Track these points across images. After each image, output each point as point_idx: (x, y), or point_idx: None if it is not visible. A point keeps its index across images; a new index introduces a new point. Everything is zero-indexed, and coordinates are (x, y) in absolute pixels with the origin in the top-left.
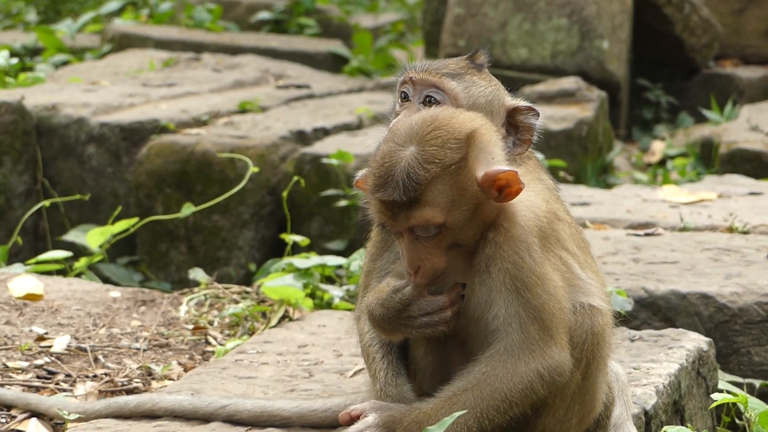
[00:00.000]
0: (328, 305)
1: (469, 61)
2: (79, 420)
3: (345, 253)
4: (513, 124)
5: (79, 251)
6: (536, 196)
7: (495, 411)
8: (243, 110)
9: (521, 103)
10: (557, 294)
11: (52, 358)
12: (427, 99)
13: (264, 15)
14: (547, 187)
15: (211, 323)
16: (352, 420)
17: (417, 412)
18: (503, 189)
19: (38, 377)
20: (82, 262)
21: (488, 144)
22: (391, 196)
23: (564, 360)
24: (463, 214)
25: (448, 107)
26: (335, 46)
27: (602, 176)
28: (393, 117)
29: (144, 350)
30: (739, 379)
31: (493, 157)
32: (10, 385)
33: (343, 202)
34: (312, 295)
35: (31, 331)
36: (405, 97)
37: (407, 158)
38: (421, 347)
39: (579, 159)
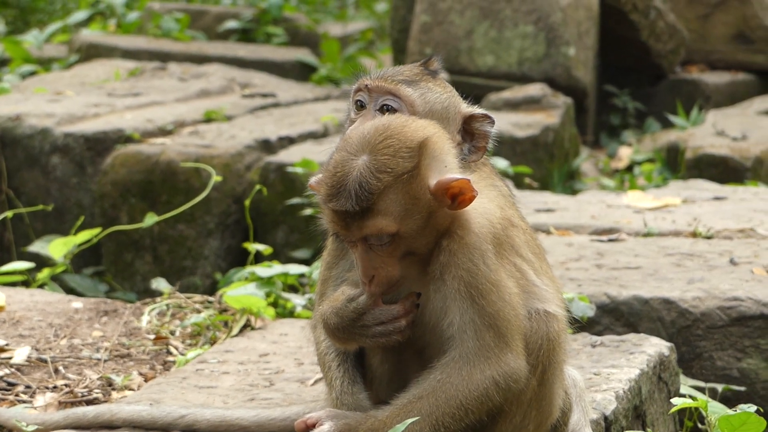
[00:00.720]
0: (291, 314)
1: (423, 68)
2: (38, 431)
3: (310, 261)
4: (468, 131)
5: (44, 262)
6: (490, 202)
7: (450, 418)
8: (208, 119)
9: (477, 110)
10: (512, 301)
11: (12, 370)
12: (384, 107)
13: (232, 24)
14: (501, 193)
15: (172, 333)
16: (308, 428)
17: (372, 420)
18: (456, 197)
19: None
20: (44, 273)
21: (441, 152)
22: (343, 206)
23: (519, 367)
24: (417, 223)
25: (400, 115)
26: (303, 54)
27: (569, 182)
28: (348, 125)
29: (105, 361)
30: (702, 384)
31: (446, 165)
32: None
33: (308, 211)
34: (274, 304)
35: None
36: (360, 105)
37: (359, 167)
38: (378, 355)
39: (545, 165)
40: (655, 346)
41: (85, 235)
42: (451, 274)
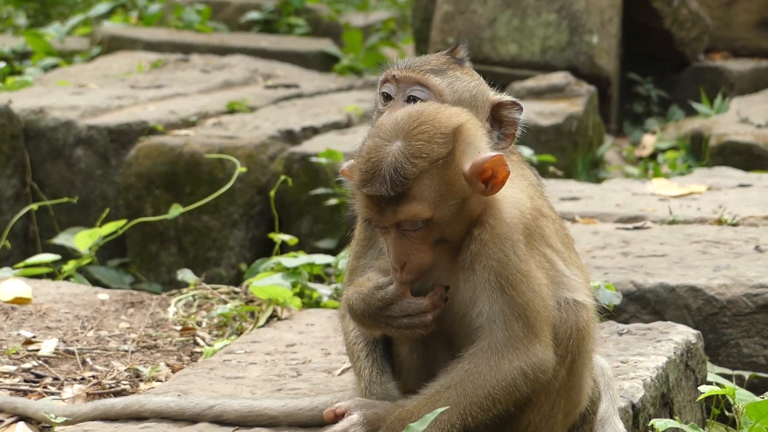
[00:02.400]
0: (317, 304)
1: (450, 57)
2: (66, 423)
3: (335, 251)
4: (497, 119)
5: (68, 254)
6: (521, 192)
7: (478, 408)
8: (231, 110)
9: (505, 97)
10: (541, 292)
11: (40, 362)
12: (411, 98)
13: (253, 15)
14: (530, 183)
15: (199, 324)
16: (337, 417)
17: (400, 410)
18: (489, 180)
19: (26, 381)
20: (70, 265)
21: (474, 138)
22: (378, 191)
23: (548, 357)
24: (451, 209)
25: (432, 102)
26: (325, 45)
27: (593, 171)
28: (376, 117)
29: (132, 352)
30: (728, 371)
31: (479, 151)
32: None
33: (332, 201)
34: (300, 294)
35: (18, 334)
36: (387, 97)
37: (394, 153)
38: (406, 345)
39: (569, 154)
40: (682, 334)
41: (110, 227)
42: (482, 264)
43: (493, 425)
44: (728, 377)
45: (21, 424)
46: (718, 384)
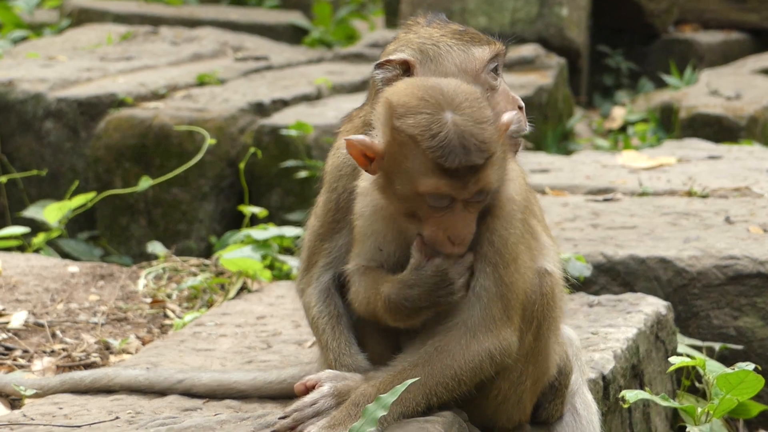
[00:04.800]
0: (287, 276)
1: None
2: (35, 396)
3: (305, 224)
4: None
5: (38, 227)
6: (519, 170)
7: (444, 388)
8: (201, 83)
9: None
10: (526, 275)
11: (9, 335)
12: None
13: None
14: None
15: (169, 296)
16: (308, 390)
17: (365, 386)
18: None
19: None
20: (40, 238)
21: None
22: (472, 161)
23: (514, 341)
24: (501, 173)
25: (442, 78)
26: (295, 17)
27: (563, 143)
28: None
29: (102, 324)
30: (699, 343)
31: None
32: None
33: (302, 173)
34: (270, 267)
35: None
36: (496, 70)
37: (464, 122)
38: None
39: (539, 126)
40: (652, 306)
41: (79, 200)
42: (485, 239)
43: (462, 395)
44: (698, 349)
45: None
46: (688, 355)
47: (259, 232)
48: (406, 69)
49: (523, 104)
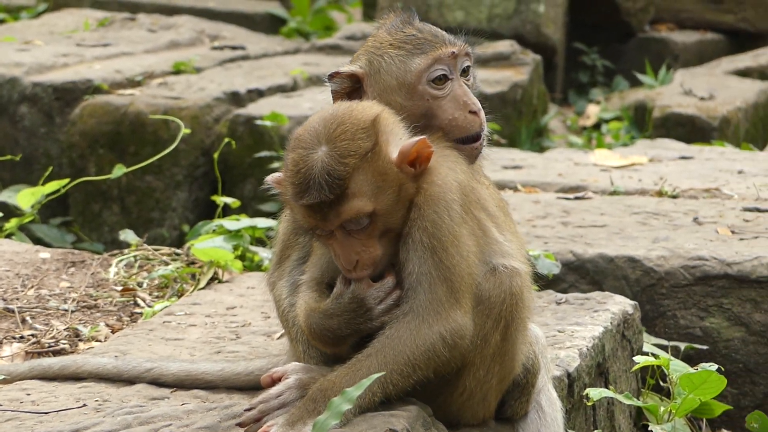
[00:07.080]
0: (258, 267)
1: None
2: (4, 381)
3: (277, 215)
4: None
5: (10, 212)
6: (455, 158)
7: (399, 375)
8: (177, 71)
9: None
10: (469, 258)
11: None
12: (464, 71)
13: None
14: (459, 158)
15: (140, 285)
16: (275, 382)
17: (322, 380)
18: (415, 161)
19: None
20: (12, 223)
21: (393, 126)
22: (317, 198)
23: (466, 324)
24: (390, 198)
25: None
26: (272, 7)
27: (537, 139)
28: (418, 102)
29: (72, 312)
30: (665, 342)
31: (401, 137)
32: None
33: (276, 164)
34: (242, 257)
35: None
36: (443, 78)
37: (322, 158)
38: None
39: (513, 122)
40: (619, 304)
41: (53, 186)
42: (417, 226)
43: (428, 391)
44: (664, 348)
45: None
46: (653, 354)
47: (231, 223)
48: (356, 81)
49: (478, 108)
